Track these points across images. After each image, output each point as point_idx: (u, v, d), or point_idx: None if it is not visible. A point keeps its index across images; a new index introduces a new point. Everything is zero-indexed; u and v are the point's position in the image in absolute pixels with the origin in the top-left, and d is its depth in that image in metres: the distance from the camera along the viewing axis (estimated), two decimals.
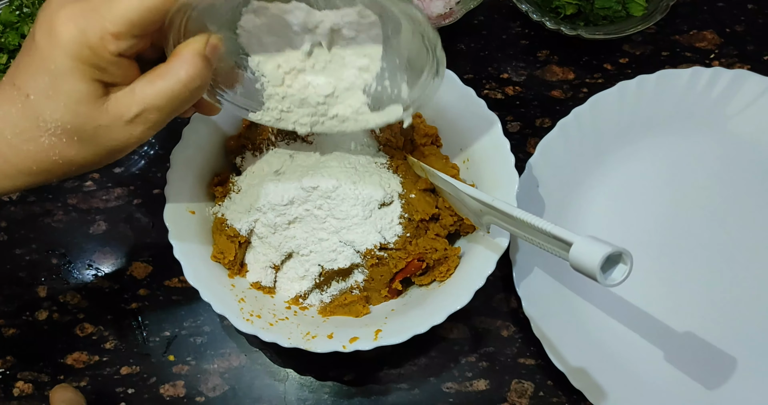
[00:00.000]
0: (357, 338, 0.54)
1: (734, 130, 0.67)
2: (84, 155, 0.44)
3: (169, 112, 0.44)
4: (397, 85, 0.51)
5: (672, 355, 0.60)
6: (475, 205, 0.53)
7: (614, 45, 0.73)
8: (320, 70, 0.50)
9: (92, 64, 0.41)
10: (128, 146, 0.45)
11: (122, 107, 0.43)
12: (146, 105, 0.43)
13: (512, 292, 0.63)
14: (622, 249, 0.40)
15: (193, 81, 0.43)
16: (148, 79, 0.43)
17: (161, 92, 0.43)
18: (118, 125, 0.43)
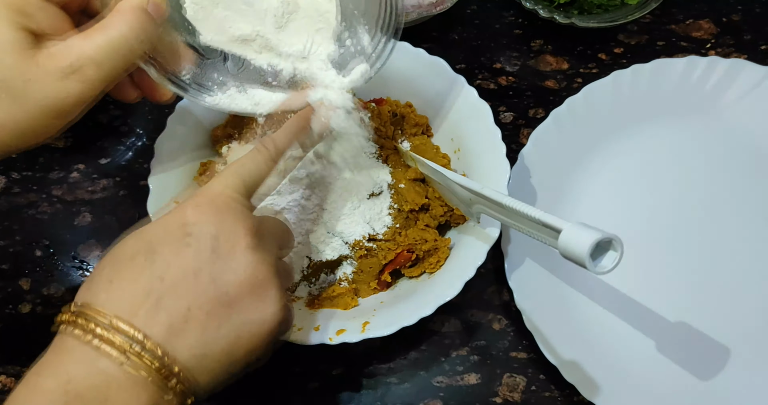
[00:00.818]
0: (344, 330, 0.53)
1: (730, 119, 0.65)
2: (14, 115, 0.41)
3: (108, 69, 0.41)
4: (358, 41, 0.50)
5: (665, 348, 0.59)
6: (465, 194, 0.52)
7: (609, 34, 0.72)
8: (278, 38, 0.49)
9: (16, 9, 0.39)
10: (64, 107, 0.42)
11: (56, 60, 0.40)
12: (82, 58, 0.40)
13: (504, 284, 0.61)
14: (612, 235, 0.39)
15: (134, 34, 0.41)
16: (86, 33, 0.41)
17: (99, 45, 0.41)
18: (51, 80, 0.40)
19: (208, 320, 0.38)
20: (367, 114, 0.60)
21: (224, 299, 0.39)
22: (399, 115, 0.61)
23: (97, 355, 0.36)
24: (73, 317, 0.37)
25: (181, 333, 0.37)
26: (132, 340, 0.36)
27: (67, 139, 0.68)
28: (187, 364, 0.38)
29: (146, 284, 0.38)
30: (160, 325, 0.37)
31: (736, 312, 0.60)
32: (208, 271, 0.38)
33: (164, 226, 0.40)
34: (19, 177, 0.67)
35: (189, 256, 0.38)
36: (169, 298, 0.38)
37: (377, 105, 0.61)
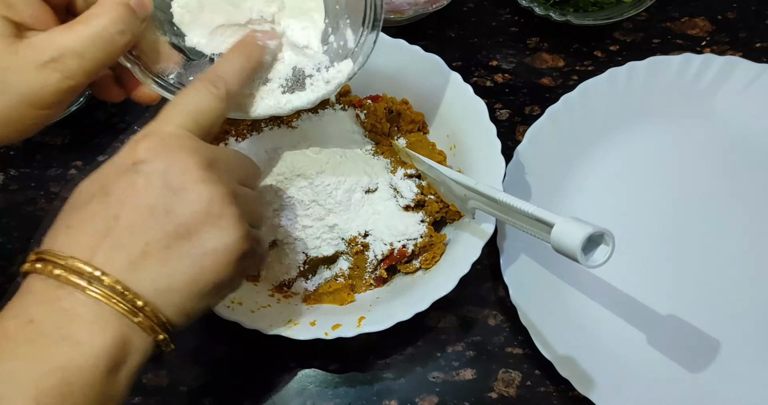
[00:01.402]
0: (340, 325, 0.53)
1: (724, 116, 0.66)
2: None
3: (89, 59, 0.42)
4: (342, 37, 0.50)
5: (659, 342, 0.59)
6: (460, 190, 0.53)
7: (605, 32, 0.72)
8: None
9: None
10: (44, 96, 0.42)
11: (35, 50, 0.41)
12: (63, 49, 0.41)
13: (499, 280, 0.62)
14: (604, 229, 0.39)
15: (115, 26, 0.42)
16: (68, 25, 0.42)
17: (81, 37, 0.41)
18: (30, 69, 0.41)
19: (167, 253, 0.38)
20: (362, 111, 0.60)
21: (181, 231, 0.39)
22: (395, 112, 0.62)
23: (59, 295, 0.37)
24: (35, 264, 0.38)
25: (141, 268, 0.38)
26: (91, 277, 0.37)
27: (65, 136, 0.69)
28: (152, 299, 0.38)
29: (102, 224, 0.38)
30: (119, 263, 0.37)
31: (729, 305, 0.60)
32: (162, 205, 0.39)
33: (115, 166, 0.40)
34: (17, 174, 0.67)
35: (141, 193, 0.38)
36: (126, 236, 0.38)
37: (373, 101, 0.61)
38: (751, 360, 0.59)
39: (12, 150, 0.68)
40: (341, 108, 0.61)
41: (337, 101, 0.62)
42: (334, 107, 0.61)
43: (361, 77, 0.62)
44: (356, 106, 0.61)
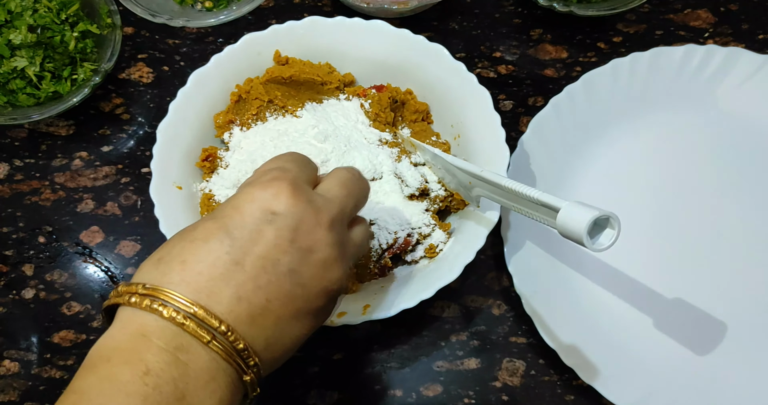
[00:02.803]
0: (345, 313, 0.53)
1: (727, 107, 0.66)
2: None
3: None
4: None
5: (664, 331, 0.59)
6: (465, 177, 0.53)
7: (608, 24, 0.72)
8: None
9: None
10: None
11: None
12: None
13: (504, 270, 0.62)
14: (610, 213, 0.39)
15: None
16: None
17: None
18: None
19: (283, 312, 0.38)
20: (366, 100, 0.61)
21: (298, 291, 0.39)
22: (399, 102, 0.62)
23: (179, 344, 0.35)
24: (146, 299, 0.36)
25: (259, 324, 0.37)
26: (215, 331, 0.35)
27: (70, 127, 0.69)
28: (261, 356, 0.38)
29: (224, 270, 0.37)
30: (240, 316, 0.36)
31: (733, 295, 0.60)
32: (287, 263, 0.38)
33: (240, 210, 0.39)
34: (22, 164, 0.67)
35: (269, 246, 0.38)
36: (249, 288, 0.37)
37: (377, 91, 0.61)
38: (756, 347, 0.59)
39: (17, 140, 0.68)
40: (345, 98, 0.62)
41: (341, 91, 0.62)
42: (338, 97, 0.61)
43: (366, 67, 0.63)
44: (361, 96, 0.61)
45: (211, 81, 0.60)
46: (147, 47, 0.72)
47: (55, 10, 0.63)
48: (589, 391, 0.58)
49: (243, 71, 0.61)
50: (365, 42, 0.62)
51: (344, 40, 0.62)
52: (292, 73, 0.60)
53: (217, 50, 0.61)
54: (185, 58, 0.71)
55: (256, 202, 0.39)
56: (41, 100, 0.63)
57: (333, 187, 0.43)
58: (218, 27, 0.70)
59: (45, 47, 0.62)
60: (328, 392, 0.60)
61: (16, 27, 0.61)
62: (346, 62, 0.63)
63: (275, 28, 0.61)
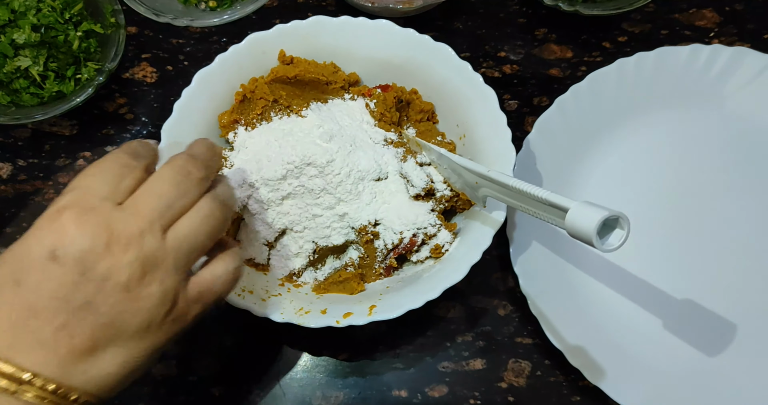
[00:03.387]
0: (351, 314, 0.53)
1: (733, 107, 0.66)
2: None
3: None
4: None
5: (670, 331, 0.59)
6: (471, 177, 0.53)
7: (613, 23, 0.72)
8: None
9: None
10: None
11: None
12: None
13: (509, 271, 0.62)
14: (619, 213, 0.39)
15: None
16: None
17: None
18: None
19: (94, 345, 0.38)
20: (372, 100, 0.60)
21: (104, 321, 0.38)
22: (404, 102, 0.62)
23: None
24: None
25: (72, 362, 0.38)
26: (20, 381, 0.36)
27: (73, 126, 0.69)
28: (86, 387, 0.38)
29: (20, 318, 0.37)
30: (47, 360, 0.37)
31: (740, 295, 0.60)
32: (81, 298, 0.38)
33: (27, 252, 0.38)
34: (26, 164, 0.67)
35: (57, 284, 0.37)
36: (48, 332, 0.37)
37: (383, 91, 0.61)
38: (762, 348, 0.59)
39: (20, 140, 0.68)
40: (350, 97, 0.61)
41: (346, 90, 0.62)
42: (343, 97, 0.61)
43: (371, 66, 0.63)
44: (366, 96, 0.61)
45: (215, 81, 0.60)
46: (150, 47, 0.72)
47: (59, 10, 0.63)
48: (595, 392, 0.57)
49: (247, 71, 0.61)
50: (370, 41, 0.61)
51: (349, 39, 0.62)
52: (297, 73, 0.60)
53: (221, 50, 0.60)
54: (189, 57, 0.71)
55: (41, 239, 0.38)
56: (45, 99, 0.63)
57: (143, 193, 0.41)
58: (222, 26, 0.70)
59: (48, 47, 0.62)
60: (334, 393, 0.60)
61: (19, 26, 0.61)
62: (351, 62, 0.63)
63: (280, 27, 0.61)
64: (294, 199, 0.57)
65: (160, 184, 0.42)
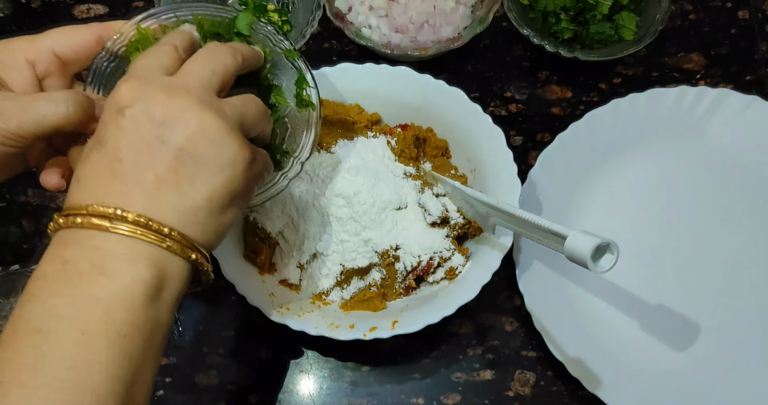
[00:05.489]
0: (376, 328, 0.60)
1: (716, 143, 0.73)
2: None
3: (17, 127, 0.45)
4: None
5: (664, 345, 0.66)
6: (482, 207, 0.60)
7: (608, 66, 0.80)
8: None
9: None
10: None
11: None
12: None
13: (515, 290, 0.68)
14: (610, 240, 0.46)
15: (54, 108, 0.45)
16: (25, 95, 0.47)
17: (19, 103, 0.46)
18: None
19: (177, 179, 0.41)
20: (393, 138, 0.68)
21: (182, 156, 0.41)
22: (421, 139, 0.69)
23: (86, 236, 0.40)
24: (57, 220, 0.41)
25: (159, 198, 0.41)
26: (113, 217, 0.40)
27: None
28: (176, 224, 0.41)
29: (107, 169, 0.41)
30: (136, 197, 0.40)
31: (726, 311, 0.67)
32: (155, 138, 0.41)
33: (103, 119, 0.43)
34: None
35: (132, 133, 0.41)
36: (134, 174, 0.41)
37: (402, 130, 0.68)
38: (746, 359, 0.65)
39: None
40: (373, 135, 0.69)
41: (369, 129, 0.69)
42: (367, 135, 0.69)
43: (392, 107, 0.70)
44: (387, 134, 0.68)
45: None
46: None
47: None
48: (593, 400, 0.64)
49: None
50: (391, 85, 0.68)
51: (372, 83, 0.69)
52: (327, 114, 0.67)
53: None
54: None
55: (110, 106, 0.43)
56: None
57: (192, 63, 0.45)
58: None
59: None
60: (358, 400, 0.66)
61: None
62: (374, 103, 0.70)
63: None
64: (324, 227, 0.64)
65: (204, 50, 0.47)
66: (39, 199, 0.74)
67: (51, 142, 0.51)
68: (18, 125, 0.45)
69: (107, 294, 0.39)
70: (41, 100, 0.46)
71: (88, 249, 0.40)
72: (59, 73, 0.50)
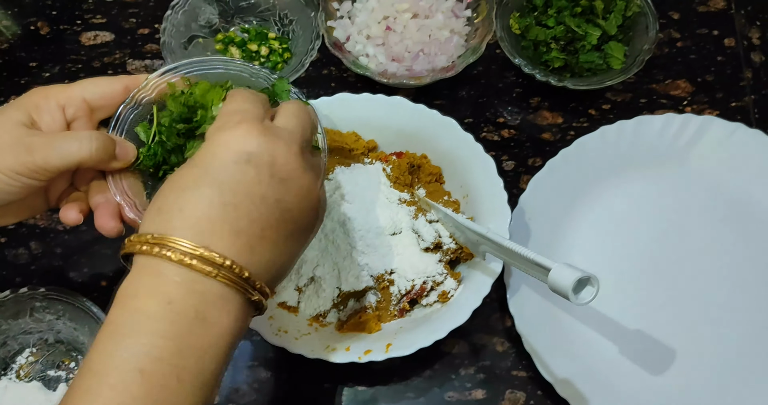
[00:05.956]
0: (370, 351, 0.62)
1: (701, 169, 0.75)
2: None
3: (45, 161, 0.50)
4: None
5: (648, 367, 0.68)
6: (473, 235, 0.62)
7: (598, 93, 0.82)
8: None
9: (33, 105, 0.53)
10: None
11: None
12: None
13: (506, 311, 0.70)
14: (591, 274, 0.49)
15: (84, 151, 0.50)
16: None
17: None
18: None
19: (277, 237, 0.44)
20: (388, 165, 0.70)
21: (287, 216, 0.45)
22: (416, 166, 0.71)
23: (190, 279, 0.41)
24: (155, 247, 0.41)
25: (258, 253, 0.43)
26: (221, 266, 0.41)
27: None
28: (264, 277, 0.44)
29: (219, 211, 0.42)
30: (242, 249, 0.42)
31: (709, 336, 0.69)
32: (272, 195, 0.44)
33: (219, 155, 0.44)
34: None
35: (253, 183, 0.43)
36: (244, 223, 0.43)
37: (397, 157, 0.71)
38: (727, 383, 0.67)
39: None
40: (369, 162, 0.71)
41: (366, 156, 0.72)
42: (363, 161, 0.71)
43: (387, 135, 0.72)
44: (383, 161, 0.71)
45: None
46: None
47: None
48: None
49: None
50: (387, 114, 0.71)
51: (369, 112, 0.71)
52: None
53: None
54: None
55: (230, 145, 0.44)
56: None
57: (290, 119, 0.48)
58: None
59: None
60: None
61: None
62: (370, 131, 0.72)
63: (310, 102, 0.71)
64: (322, 252, 0.66)
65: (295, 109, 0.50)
66: (47, 221, 0.77)
67: (73, 182, 0.56)
68: (43, 159, 0.50)
69: (205, 344, 0.41)
70: (67, 137, 0.51)
71: (194, 294, 0.41)
72: (87, 118, 0.55)
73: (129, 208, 0.55)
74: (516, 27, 0.80)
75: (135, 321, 0.40)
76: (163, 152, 0.56)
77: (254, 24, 0.83)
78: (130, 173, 0.56)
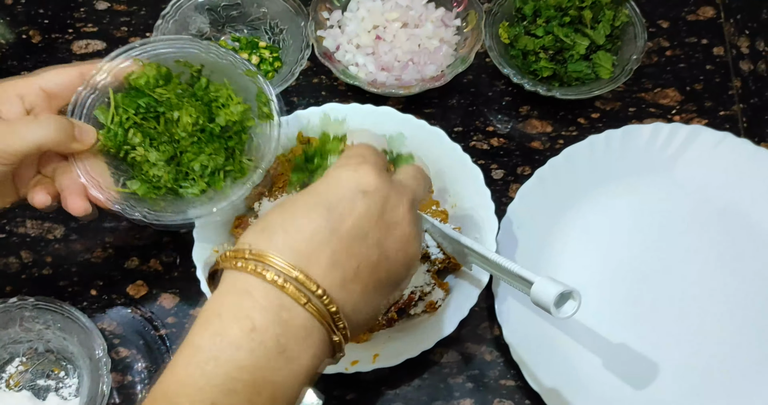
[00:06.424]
0: (357, 361, 0.63)
1: (689, 178, 0.75)
2: None
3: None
4: None
5: (633, 376, 0.68)
6: (460, 246, 0.62)
7: (587, 101, 0.82)
8: None
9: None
10: None
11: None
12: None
13: (495, 321, 0.71)
14: (573, 288, 0.49)
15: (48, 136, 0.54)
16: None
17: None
18: None
19: (368, 281, 0.43)
20: None
21: (383, 263, 0.43)
22: None
23: (279, 304, 0.39)
24: (251, 263, 0.40)
25: (349, 290, 0.42)
26: (313, 294, 0.40)
27: None
28: (349, 319, 0.42)
29: (323, 237, 0.41)
30: (335, 281, 0.41)
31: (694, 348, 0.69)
32: (376, 235, 0.43)
33: (335, 187, 0.44)
34: (77, 226, 0.77)
35: (361, 218, 0.43)
36: (343, 255, 0.42)
37: None
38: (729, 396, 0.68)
39: None
40: None
41: None
42: None
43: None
44: None
45: None
46: None
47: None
48: None
49: None
50: (375, 124, 0.71)
51: (357, 122, 0.71)
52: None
53: None
54: None
55: (349, 181, 0.44)
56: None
57: (408, 177, 0.50)
58: None
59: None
60: None
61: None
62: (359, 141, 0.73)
63: (298, 113, 0.71)
64: None
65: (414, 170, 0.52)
66: (37, 230, 0.77)
67: (39, 170, 0.59)
68: (5, 143, 0.53)
69: (279, 379, 0.39)
70: (27, 121, 0.55)
71: (278, 323, 0.39)
72: (45, 105, 0.58)
73: (93, 187, 0.59)
74: (505, 36, 0.80)
75: (215, 347, 0.39)
76: (123, 133, 0.60)
77: (245, 33, 0.84)
78: (93, 155, 0.60)
